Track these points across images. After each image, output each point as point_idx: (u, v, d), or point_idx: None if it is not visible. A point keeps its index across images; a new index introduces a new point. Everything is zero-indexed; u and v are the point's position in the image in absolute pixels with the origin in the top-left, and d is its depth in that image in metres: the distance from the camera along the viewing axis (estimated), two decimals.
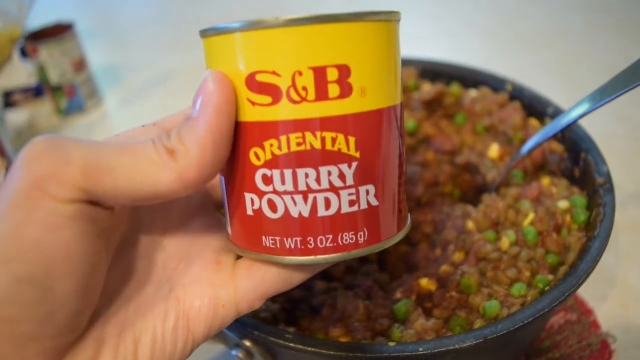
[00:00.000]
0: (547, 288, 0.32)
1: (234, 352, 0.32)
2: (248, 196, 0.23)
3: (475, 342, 0.28)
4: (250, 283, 0.25)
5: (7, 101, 0.84)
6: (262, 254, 0.23)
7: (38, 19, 0.83)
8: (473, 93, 0.46)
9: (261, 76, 0.21)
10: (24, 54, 0.85)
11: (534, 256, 0.34)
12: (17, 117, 0.78)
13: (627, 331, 0.43)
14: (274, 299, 0.34)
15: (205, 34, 0.23)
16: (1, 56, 0.80)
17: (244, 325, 0.30)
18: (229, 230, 0.25)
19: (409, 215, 0.26)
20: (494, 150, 0.42)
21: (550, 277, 0.33)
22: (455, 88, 0.45)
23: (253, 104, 0.21)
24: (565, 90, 0.69)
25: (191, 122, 0.21)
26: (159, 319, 0.23)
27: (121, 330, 0.22)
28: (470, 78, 0.47)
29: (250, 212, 0.23)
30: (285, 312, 0.34)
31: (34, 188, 0.19)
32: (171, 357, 0.23)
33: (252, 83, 0.21)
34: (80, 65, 0.78)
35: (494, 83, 0.46)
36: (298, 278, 0.25)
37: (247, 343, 0.32)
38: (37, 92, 0.85)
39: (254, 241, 0.23)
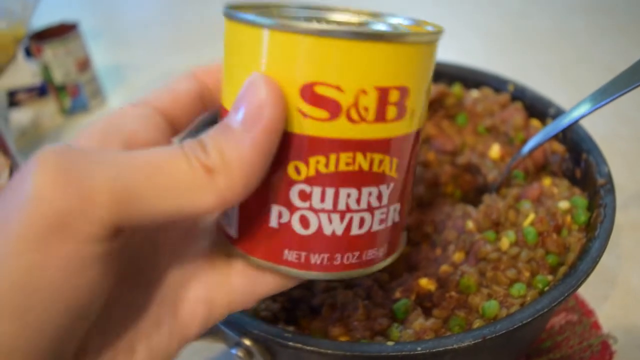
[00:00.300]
0: (546, 288, 0.32)
1: (234, 351, 0.32)
2: (275, 208, 0.21)
3: (473, 342, 0.28)
4: (245, 284, 0.24)
5: (11, 100, 0.84)
6: (281, 266, 0.22)
7: (42, 19, 0.83)
8: (474, 93, 0.46)
9: (321, 88, 0.19)
10: (28, 53, 0.85)
11: (533, 256, 0.34)
12: (21, 116, 0.79)
13: (628, 332, 0.43)
14: (274, 298, 0.34)
15: (245, 21, 0.19)
16: (5, 56, 0.81)
17: (244, 324, 0.30)
18: (235, 234, 0.23)
19: None
20: (495, 151, 0.42)
21: (550, 277, 0.33)
22: (456, 88, 0.45)
23: (304, 115, 0.19)
24: (567, 90, 0.68)
25: (235, 136, 0.18)
26: (153, 325, 0.22)
27: (116, 339, 0.21)
28: (471, 78, 0.47)
29: (274, 224, 0.22)
30: (285, 311, 0.34)
31: (54, 226, 0.16)
32: (166, 359, 0.23)
33: (309, 94, 0.19)
34: (84, 64, 0.79)
35: (495, 83, 0.46)
36: (294, 282, 0.24)
37: (247, 342, 0.32)
38: (41, 91, 0.86)
39: (272, 253, 0.22)
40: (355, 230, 0.22)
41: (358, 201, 0.21)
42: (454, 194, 0.42)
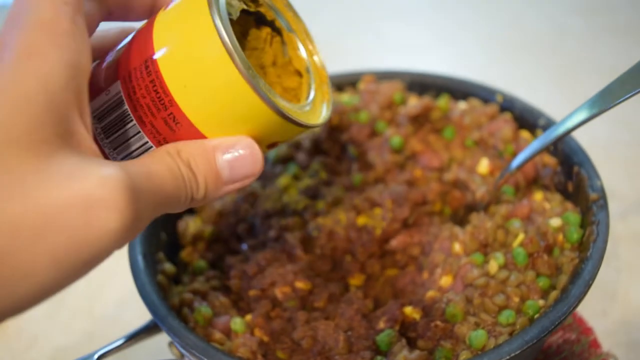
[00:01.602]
0: (536, 315, 0.31)
1: None
2: None
3: None
4: None
5: None
6: None
7: None
8: (462, 105, 0.44)
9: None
10: None
11: (523, 280, 0.33)
12: None
13: (629, 350, 0.41)
14: (252, 332, 0.33)
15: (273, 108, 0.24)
16: None
17: None
18: None
19: None
20: (484, 166, 0.41)
21: (541, 302, 0.32)
22: (442, 101, 0.44)
23: None
24: (566, 96, 0.66)
25: (221, 184, 0.25)
26: None
27: None
28: (459, 89, 0.45)
29: None
30: (264, 346, 0.32)
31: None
32: None
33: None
34: None
35: (483, 94, 0.45)
36: None
37: None
38: None
39: None
40: None
41: None
42: (443, 212, 0.41)
